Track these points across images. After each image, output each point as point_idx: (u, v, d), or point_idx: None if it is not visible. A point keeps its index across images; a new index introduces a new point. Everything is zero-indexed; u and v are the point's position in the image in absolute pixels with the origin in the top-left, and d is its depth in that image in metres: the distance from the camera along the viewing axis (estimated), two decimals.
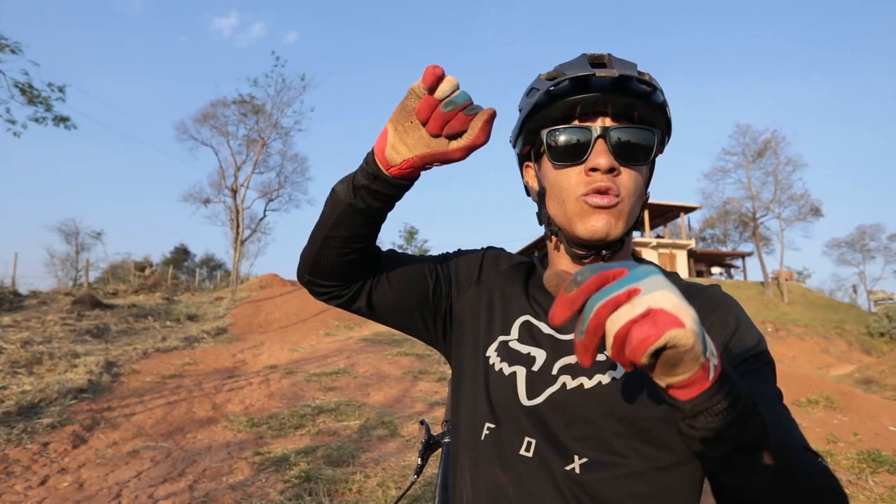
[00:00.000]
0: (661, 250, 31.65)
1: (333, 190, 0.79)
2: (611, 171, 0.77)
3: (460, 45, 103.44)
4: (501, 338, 0.83)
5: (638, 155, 0.79)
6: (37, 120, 11.17)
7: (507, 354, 0.81)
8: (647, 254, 30.74)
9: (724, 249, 38.52)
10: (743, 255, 36.84)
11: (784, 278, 29.99)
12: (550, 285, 0.51)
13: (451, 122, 0.67)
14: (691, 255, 33.69)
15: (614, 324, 0.44)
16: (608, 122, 0.78)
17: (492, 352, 0.83)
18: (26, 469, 4.07)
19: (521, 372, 0.78)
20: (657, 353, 0.44)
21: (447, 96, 0.66)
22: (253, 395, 6.46)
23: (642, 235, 31.42)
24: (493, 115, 0.68)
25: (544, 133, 0.81)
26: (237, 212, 23.79)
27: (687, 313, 0.44)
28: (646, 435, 0.70)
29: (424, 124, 0.69)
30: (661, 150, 0.84)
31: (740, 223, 35.38)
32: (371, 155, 0.75)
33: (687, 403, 0.50)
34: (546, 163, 0.83)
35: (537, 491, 0.71)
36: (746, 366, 0.73)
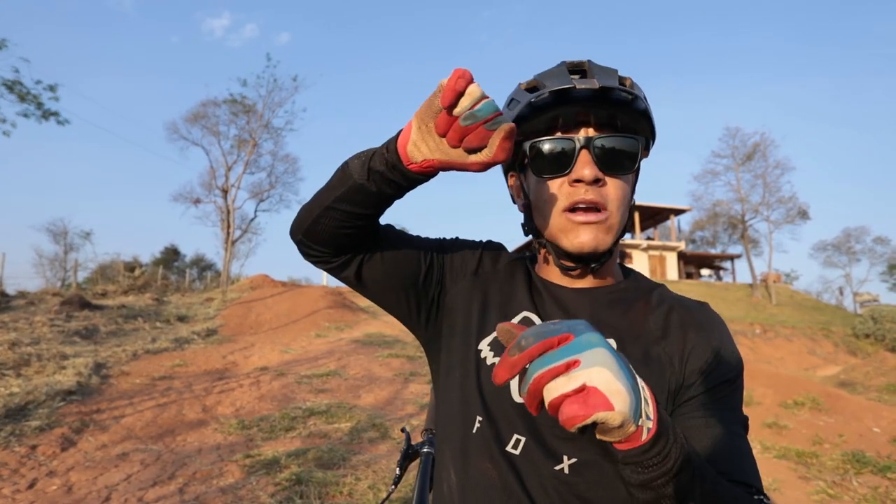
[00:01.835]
0: (651, 252, 31.88)
1: (347, 164, 0.75)
2: (596, 181, 0.77)
3: (456, 46, 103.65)
4: None
5: (623, 163, 0.79)
6: (25, 115, 11.05)
7: (502, 349, 0.80)
8: (638, 256, 30.95)
9: (713, 251, 38.85)
10: (732, 257, 37.20)
11: (772, 280, 30.32)
12: (501, 339, 0.53)
13: (469, 137, 0.63)
14: (681, 256, 33.97)
15: (550, 393, 0.47)
16: (591, 131, 0.78)
17: (484, 345, 0.82)
18: (14, 472, 4.02)
19: None
20: (585, 427, 0.47)
21: (467, 110, 0.62)
22: (243, 397, 6.43)
23: (633, 237, 31.62)
24: (512, 132, 0.63)
25: (527, 145, 0.80)
26: (228, 212, 23.60)
27: (619, 395, 0.47)
28: None
29: (443, 135, 0.66)
30: (646, 154, 0.84)
31: (729, 225, 35.70)
32: (394, 144, 0.70)
33: (619, 453, 0.54)
34: (530, 174, 0.83)
35: (521, 488, 0.72)
36: (717, 392, 0.75)
